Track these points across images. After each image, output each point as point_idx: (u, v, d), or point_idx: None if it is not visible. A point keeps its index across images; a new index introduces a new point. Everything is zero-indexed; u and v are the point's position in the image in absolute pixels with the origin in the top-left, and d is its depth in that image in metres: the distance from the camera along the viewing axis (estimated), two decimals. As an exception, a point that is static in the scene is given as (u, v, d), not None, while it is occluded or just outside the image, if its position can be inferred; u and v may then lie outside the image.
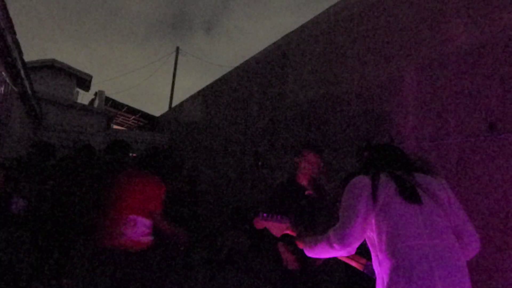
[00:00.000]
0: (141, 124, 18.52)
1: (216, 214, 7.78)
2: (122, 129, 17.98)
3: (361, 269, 1.66)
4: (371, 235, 1.51)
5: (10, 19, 4.95)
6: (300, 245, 1.75)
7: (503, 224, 2.71)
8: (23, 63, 6.04)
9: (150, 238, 2.60)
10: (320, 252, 1.61)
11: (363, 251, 1.65)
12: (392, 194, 1.47)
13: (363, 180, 1.56)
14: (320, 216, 2.70)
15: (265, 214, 1.89)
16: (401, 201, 1.45)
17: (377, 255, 1.48)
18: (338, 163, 4.60)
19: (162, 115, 16.08)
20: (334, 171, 4.56)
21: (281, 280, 2.70)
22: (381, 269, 1.44)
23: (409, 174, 1.57)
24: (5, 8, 4.64)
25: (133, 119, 18.45)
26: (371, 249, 1.53)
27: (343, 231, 1.49)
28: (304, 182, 2.76)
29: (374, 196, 1.48)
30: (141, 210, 2.54)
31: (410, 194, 1.46)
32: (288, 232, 1.86)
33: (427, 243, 1.36)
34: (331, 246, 1.52)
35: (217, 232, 6.39)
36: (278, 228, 1.86)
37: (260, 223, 1.90)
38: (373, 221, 1.48)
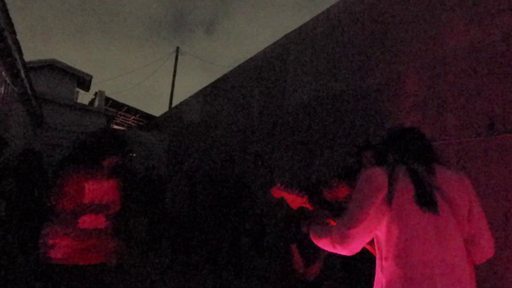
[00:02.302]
0: (141, 124, 18.53)
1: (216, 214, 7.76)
2: (122, 129, 17.98)
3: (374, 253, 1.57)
4: (379, 235, 1.43)
5: (10, 19, 4.95)
6: (305, 229, 1.67)
7: (503, 224, 2.71)
8: (23, 63, 6.04)
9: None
10: (323, 246, 1.53)
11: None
12: (408, 199, 1.36)
13: (380, 177, 1.42)
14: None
15: (283, 185, 1.82)
16: (416, 209, 1.35)
17: (381, 257, 1.42)
18: (338, 163, 4.60)
19: (162, 115, 16.07)
20: (334, 171, 4.56)
21: (283, 283, 2.69)
22: (382, 273, 1.39)
23: (431, 169, 1.43)
24: (5, 8, 4.64)
25: (133, 119, 18.46)
26: (376, 248, 1.47)
27: (347, 231, 1.39)
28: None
29: (389, 197, 1.37)
30: None
31: (427, 202, 1.35)
32: (304, 206, 1.80)
33: (436, 257, 1.31)
34: (333, 246, 1.44)
35: (217, 232, 6.38)
36: (294, 200, 1.80)
37: (278, 192, 1.83)
38: (384, 222, 1.38)
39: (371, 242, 1.50)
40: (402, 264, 1.33)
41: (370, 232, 1.40)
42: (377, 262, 1.45)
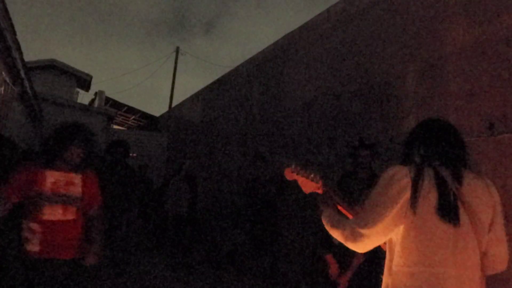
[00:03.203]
0: (141, 124, 18.53)
1: (216, 214, 7.77)
2: (122, 129, 17.98)
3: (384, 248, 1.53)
4: (393, 238, 1.36)
5: (10, 19, 4.95)
6: (320, 213, 1.58)
7: (503, 224, 2.70)
8: (23, 63, 6.04)
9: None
10: (334, 236, 1.45)
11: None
12: (430, 207, 1.29)
13: (404, 179, 1.31)
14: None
15: (297, 166, 1.69)
16: (436, 219, 1.28)
17: (391, 259, 1.36)
18: (338, 163, 4.60)
19: (162, 115, 16.07)
20: (334, 172, 4.56)
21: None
22: (390, 276, 1.35)
23: (458, 176, 1.35)
24: (5, 8, 4.65)
25: (133, 119, 18.45)
26: (388, 249, 1.41)
27: (362, 230, 1.31)
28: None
29: (413, 203, 1.29)
30: None
31: (449, 213, 1.28)
32: (318, 191, 1.68)
33: (450, 272, 1.27)
34: (344, 240, 1.37)
35: (217, 232, 6.39)
36: (308, 185, 1.68)
37: (291, 175, 1.71)
38: (402, 227, 1.31)
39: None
40: (414, 274, 1.27)
41: (386, 235, 1.33)
42: (386, 263, 1.39)
